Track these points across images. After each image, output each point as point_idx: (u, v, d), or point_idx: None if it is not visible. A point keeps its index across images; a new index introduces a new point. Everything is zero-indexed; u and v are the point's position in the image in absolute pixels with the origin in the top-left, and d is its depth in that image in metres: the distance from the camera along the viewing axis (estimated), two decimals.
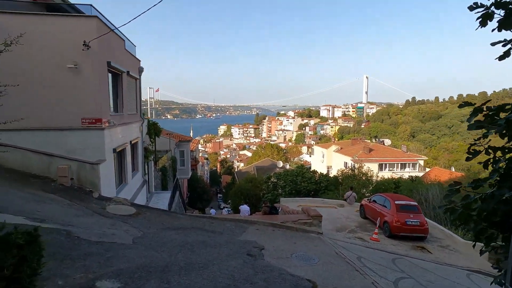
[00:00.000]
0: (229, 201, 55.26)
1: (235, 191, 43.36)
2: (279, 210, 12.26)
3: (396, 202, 13.24)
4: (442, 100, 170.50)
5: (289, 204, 17.15)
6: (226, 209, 40.51)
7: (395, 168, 49.49)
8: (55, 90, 10.03)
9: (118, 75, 12.80)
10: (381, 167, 48.55)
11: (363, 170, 28.03)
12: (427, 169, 53.35)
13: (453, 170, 49.18)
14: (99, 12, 10.46)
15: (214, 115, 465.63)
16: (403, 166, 50.42)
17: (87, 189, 9.62)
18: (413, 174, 40.26)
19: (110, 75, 11.86)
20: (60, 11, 10.74)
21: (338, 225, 14.32)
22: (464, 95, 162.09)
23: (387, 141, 61.65)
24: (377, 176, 28.95)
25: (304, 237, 9.59)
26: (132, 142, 14.48)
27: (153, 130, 18.99)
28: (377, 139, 67.76)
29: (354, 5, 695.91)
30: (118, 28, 10.49)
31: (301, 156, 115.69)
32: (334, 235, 12.15)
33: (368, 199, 15.06)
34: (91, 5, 10.28)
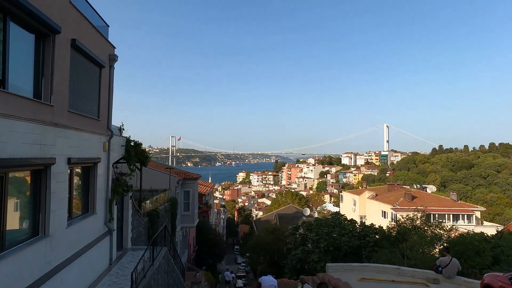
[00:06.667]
0: (247, 255, 47.20)
1: (253, 245, 35.70)
2: None
3: None
4: (472, 149, 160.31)
5: (345, 276, 10.09)
6: (228, 273, 32.20)
7: (446, 220, 40.75)
8: None
9: (45, 36, 7.08)
10: (427, 219, 40.19)
11: (431, 222, 20.47)
12: (486, 223, 44.14)
13: None
14: None
15: (233, 163, 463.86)
16: (456, 218, 41.66)
17: None
18: (470, 228, 31.91)
19: (11, 25, 6.10)
20: None
21: None
22: (497, 144, 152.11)
23: (431, 187, 53.06)
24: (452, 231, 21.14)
25: None
26: (75, 162, 8.31)
27: (134, 153, 12.89)
28: (419, 186, 59.19)
29: (373, 54, 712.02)
30: None
31: (324, 205, 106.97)
32: None
33: (509, 277, 7.88)
34: None
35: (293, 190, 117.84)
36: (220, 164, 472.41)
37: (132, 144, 13.01)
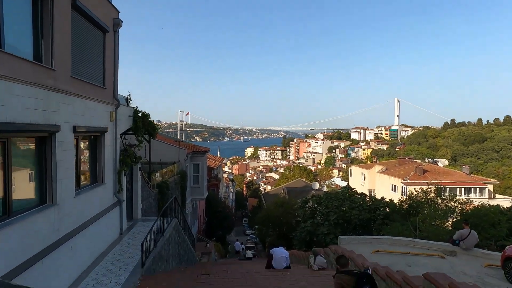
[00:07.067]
0: (255, 227, 47.91)
1: (262, 218, 36.05)
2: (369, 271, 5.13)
3: None
4: (486, 122, 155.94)
5: (358, 249, 9.90)
6: (238, 243, 33.87)
7: (458, 194, 40.29)
8: None
9: None
10: (438, 193, 39.81)
11: (445, 195, 20.15)
12: (498, 196, 43.59)
13: None
14: None
15: (242, 138, 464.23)
16: (468, 191, 41.14)
17: None
18: (483, 201, 31.43)
19: None
20: None
21: None
22: None
23: (443, 161, 52.28)
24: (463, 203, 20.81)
25: None
26: (81, 131, 8.04)
27: (142, 124, 12.61)
28: (430, 159, 58.53)
29: (381, 27, 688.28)
30: None
31: (332, 179, 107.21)
32: None
33: None
34: None
35: (301, 165, 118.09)
36: (228, 139, 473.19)
37: (139, 115, 12.70)
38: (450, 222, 19.46)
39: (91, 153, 9.29)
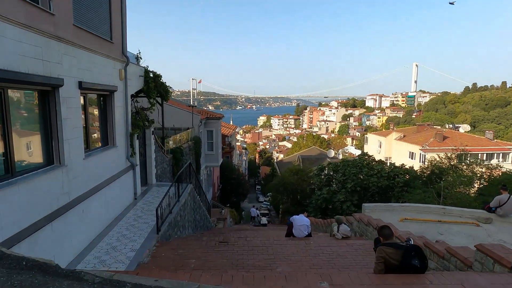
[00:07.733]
0: (269, 194, 48.10)
1: (276, 185, 35.84)
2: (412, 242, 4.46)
3: None
4: (510, 85, 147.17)
5: (385, 217, 9.28)
6: (254, 209, 34.04)
7: (479, 160, 38.95)
8: None
9: None
10: (459, 159, 38.53)
11: (469, 160, 19.20)
12: None
13: None
14: None
15: (254, 106, 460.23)
16: (490, 156, 39.61)
17: None
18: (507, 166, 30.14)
19: None
20: None
21: None
22: None
23: (464, 127, 50.30)
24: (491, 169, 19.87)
25: None
26: (87, 88, 7.37)
27: (154, 86, 11.85)
28: (451, 125, 56.33)
29: None
30: None
31: (345, 147, 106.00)
32: None
33: None
34: None
35: (314, 134, 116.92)
36: (240, 107, 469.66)
37: (151, 75, 11.92)
38: (476, 188, 18.67)
39: (100, 114, 8.69)
